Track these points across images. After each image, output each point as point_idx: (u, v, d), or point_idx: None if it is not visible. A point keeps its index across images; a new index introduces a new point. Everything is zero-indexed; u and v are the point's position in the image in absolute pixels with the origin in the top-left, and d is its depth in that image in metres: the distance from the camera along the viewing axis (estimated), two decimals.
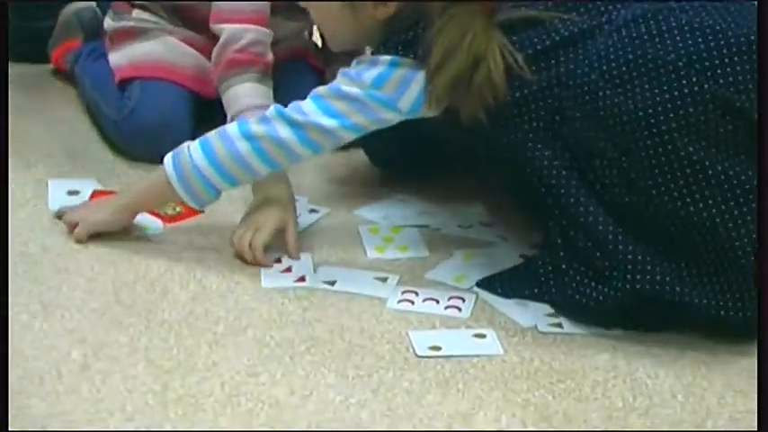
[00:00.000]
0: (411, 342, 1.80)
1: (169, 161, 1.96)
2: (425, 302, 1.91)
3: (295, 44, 2.51)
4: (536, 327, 1.86)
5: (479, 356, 1.78)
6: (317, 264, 2.00)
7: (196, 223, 2.09)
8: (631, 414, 1.68)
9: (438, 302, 1.91)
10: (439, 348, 1.79)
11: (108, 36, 2.50)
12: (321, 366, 1.73)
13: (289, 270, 1.98)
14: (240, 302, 1.88)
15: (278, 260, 2.00)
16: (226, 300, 1.89)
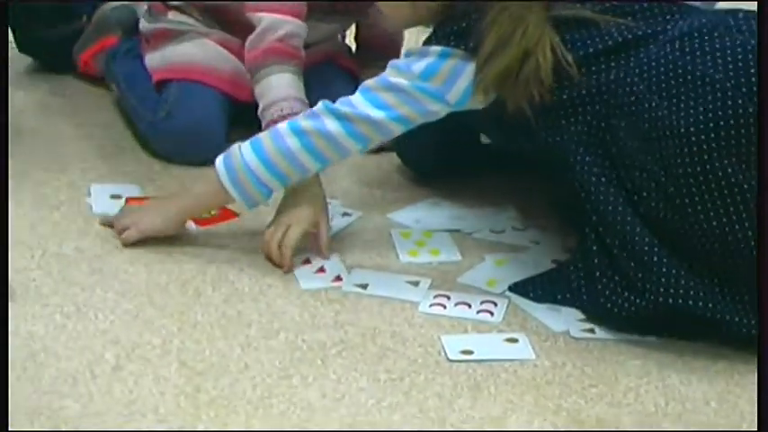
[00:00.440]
0: (443, 346, 1.80)
1: (221, 163, 1.95)
2: (457, 306, 1.91)
3: (328, 47, 2.50)
4: (568, 332, 1.85)
5: (511, 361, 1.78)
6: (349, 267, 2.00)
7: (229, 226, 2.10)
8: (664, 420, 1.67)
9: (470, 307, 1.91)
10: (471, 352, 1.79)
11: (144, 37, 2.50)
12: (353, 370, 1.74)
13: (322, 270, 1.98)
14: (272, 305, 1.88)
15: (307, 260, 2.00)
16: (258, 302, 1.89)
